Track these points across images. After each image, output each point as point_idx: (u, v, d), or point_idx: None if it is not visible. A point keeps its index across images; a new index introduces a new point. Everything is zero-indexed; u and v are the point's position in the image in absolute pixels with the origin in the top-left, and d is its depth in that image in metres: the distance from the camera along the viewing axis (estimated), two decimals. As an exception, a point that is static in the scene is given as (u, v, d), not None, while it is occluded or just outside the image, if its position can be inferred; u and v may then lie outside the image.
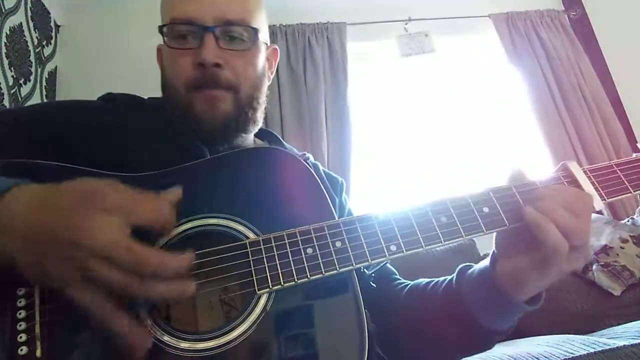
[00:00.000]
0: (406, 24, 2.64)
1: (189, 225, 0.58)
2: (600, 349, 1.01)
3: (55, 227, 0.47)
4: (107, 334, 0.47)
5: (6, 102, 1.91)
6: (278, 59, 0.93)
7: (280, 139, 0.94)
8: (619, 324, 1.55)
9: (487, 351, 0.71)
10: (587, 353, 1.01)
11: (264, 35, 0.83)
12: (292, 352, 0.53)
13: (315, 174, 0.65)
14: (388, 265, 0.85)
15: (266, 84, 0.85)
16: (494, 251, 0.66)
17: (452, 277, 0.71)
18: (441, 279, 0.74)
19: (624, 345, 1.01)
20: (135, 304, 0.51)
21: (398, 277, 0.84)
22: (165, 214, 0.51)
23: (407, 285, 0.80)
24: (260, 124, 0.84)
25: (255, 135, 0.91)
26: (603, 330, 1.57)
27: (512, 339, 1.51)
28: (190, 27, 0.74)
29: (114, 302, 0.47)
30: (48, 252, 0.46)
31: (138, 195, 0.50)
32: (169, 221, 0.52)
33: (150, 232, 0.51)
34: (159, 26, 0.77)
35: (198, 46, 0.73)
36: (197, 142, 0.75)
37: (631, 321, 1.51)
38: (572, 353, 1.03)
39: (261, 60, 0.82)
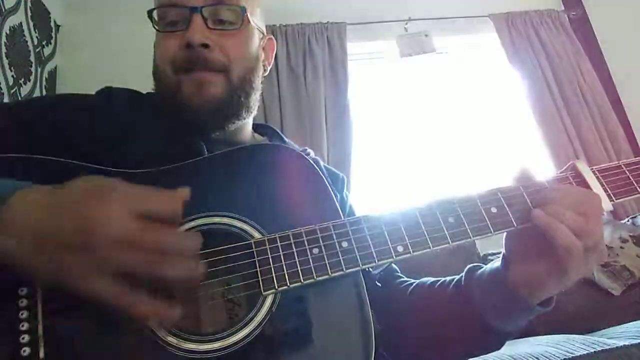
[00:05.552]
0: (406, 24, 2.64)
1: (193, 224, 0.57)
2: (600, 349, 1.01)
3: (67, 222, 0.46)
4: (132, 323, 0.47)
5: (6, 102, 1.91)
6: (275, 51, 0.91)
7: (280, 133, 0.92)
8: (619, 324, 1.55)
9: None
10: (587, 353, 1.01)
11: (257, 20, 0.81)
12: (298, 354, 0.53)
13: (320, 172, 0.64)
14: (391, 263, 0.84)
15: (260, 70, 0.82)
16: (504, 254, 0.65)
17: (461, 277, 0.70)
18: (448, 278, 0.73)
19: (624, 345, 1.01)
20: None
21: (400, 275, 0.83)
22: (175, 204, 0.50)
23: (411, 283, 0.79)
24: (254, 112, 0.82)
25: (255, 131, 0.90)
26: (603, 330, 1.57)
27: (512, 339, 1.51)
28: (177, 9, 0.72)
29: (133, 289, 0.46)
30: (63, 249, 0.46)
31: (147, 188, 0.50)
32: (178, 212, 0.50)
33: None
34: (148, 11, 0.75)
35: (186, 28, 0.71)
36: (196, 137, 0.72)
37: (631, 321, 1.51)
38: (572, 353, 1.03)
39: (254, 42, 0.79)
